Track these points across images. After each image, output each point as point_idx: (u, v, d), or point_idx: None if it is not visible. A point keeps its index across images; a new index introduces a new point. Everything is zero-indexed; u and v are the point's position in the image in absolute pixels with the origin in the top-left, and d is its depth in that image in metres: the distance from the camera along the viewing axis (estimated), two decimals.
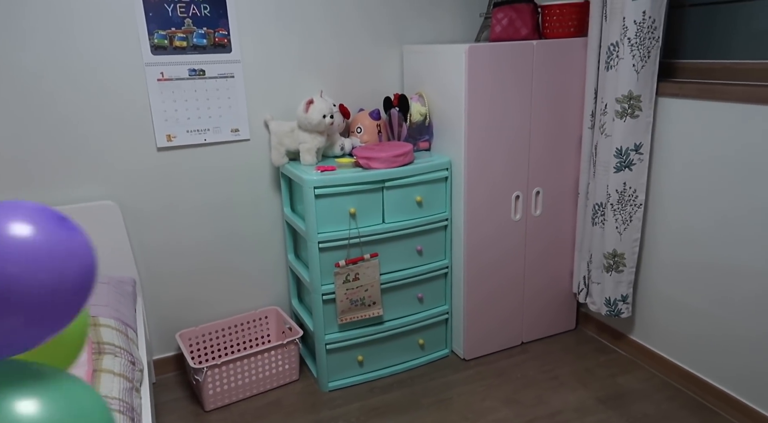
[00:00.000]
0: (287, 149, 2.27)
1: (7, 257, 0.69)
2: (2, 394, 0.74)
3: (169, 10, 2.10)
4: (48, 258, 0.72)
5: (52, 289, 0.72)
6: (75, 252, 0.75)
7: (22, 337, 0.72)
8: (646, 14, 1.91)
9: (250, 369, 2.23)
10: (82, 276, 0.76)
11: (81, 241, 0.77)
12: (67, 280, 0.74)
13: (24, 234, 0.72)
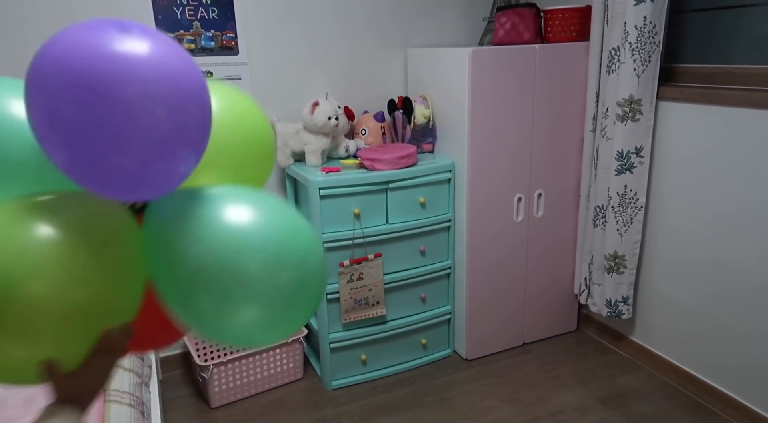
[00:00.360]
0: (292, 150, 2.30)
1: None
2: (209, 211, 0.76)
3: (178, 13, 2.14)
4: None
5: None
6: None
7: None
8: (647, 19, 1.94)
9: (255, 367, 2.26)
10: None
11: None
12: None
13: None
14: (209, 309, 0.75)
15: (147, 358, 1.73)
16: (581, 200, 2.44)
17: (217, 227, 0.76)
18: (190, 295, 0.75)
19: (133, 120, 0.66)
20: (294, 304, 0.78)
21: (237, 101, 0.95)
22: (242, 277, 0.74)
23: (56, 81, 0.64)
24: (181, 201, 0.79)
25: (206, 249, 0.74)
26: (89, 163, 0.68)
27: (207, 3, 2.17)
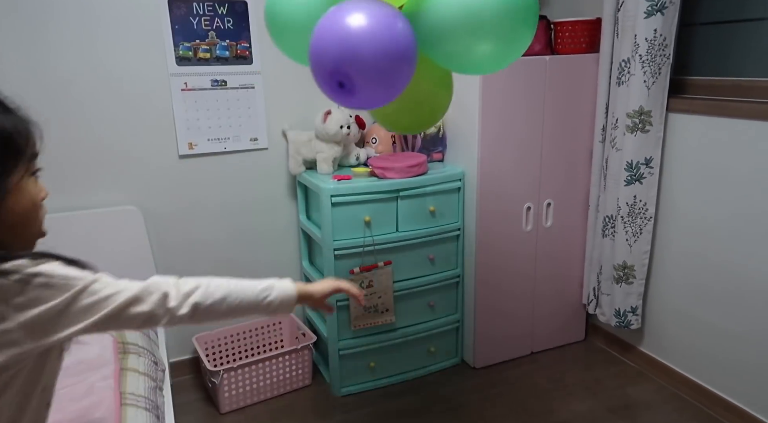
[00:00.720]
0: (304, 158, 2.33)
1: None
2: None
3: (194, 23, 2.18)
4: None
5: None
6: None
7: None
8: (657, 32, 1.96)
9: (265, 373, 2.27)
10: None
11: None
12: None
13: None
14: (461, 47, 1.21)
15: (161, 362, 1.75)
16: (590, 210, 2.45)
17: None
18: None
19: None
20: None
21: None
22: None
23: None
24: None
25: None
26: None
27: (222, 13, 2.22)
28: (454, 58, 1.27)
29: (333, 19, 1.12)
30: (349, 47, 1.08)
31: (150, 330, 1.87)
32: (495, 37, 1.22)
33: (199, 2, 2.17)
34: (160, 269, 2.32)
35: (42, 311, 0.82)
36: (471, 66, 1.30)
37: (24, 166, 0.87)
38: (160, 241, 2.33)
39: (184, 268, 2.40)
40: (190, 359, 2.51)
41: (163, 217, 2.31)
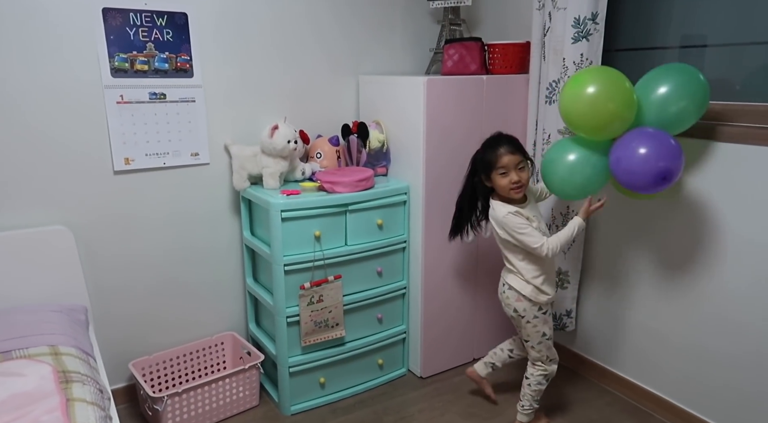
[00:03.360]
0: (249, 173, 2.30)
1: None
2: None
3: (131, 34, 2.10)
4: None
5: None
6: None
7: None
8: (583, 56, 2.14)
9: (211, 396, 2.19)
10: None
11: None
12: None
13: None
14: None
15: (105, 390, 1.63)
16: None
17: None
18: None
19: None
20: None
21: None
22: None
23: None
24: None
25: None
26: None
27: (161, 25, 2.15)
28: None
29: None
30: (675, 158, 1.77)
31: (89, 356, 1.75)
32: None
33: (136, 13, 2.09)
34: (92, 292, 2.17)
35: None
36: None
37: None
38: (92, 262, 2.18)
39: (120, 290, 2.27)
40: (123, 388, 2.36)
41: (96, 236, 2.18)
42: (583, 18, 2.12)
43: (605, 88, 1.79)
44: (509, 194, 1.94)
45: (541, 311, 2.03)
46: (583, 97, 1.80)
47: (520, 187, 1.92)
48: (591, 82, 1.81)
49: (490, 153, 1.94)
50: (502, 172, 1.92)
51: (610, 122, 1.80)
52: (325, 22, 2.52)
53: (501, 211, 1.95)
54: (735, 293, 1.95)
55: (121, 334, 2.30)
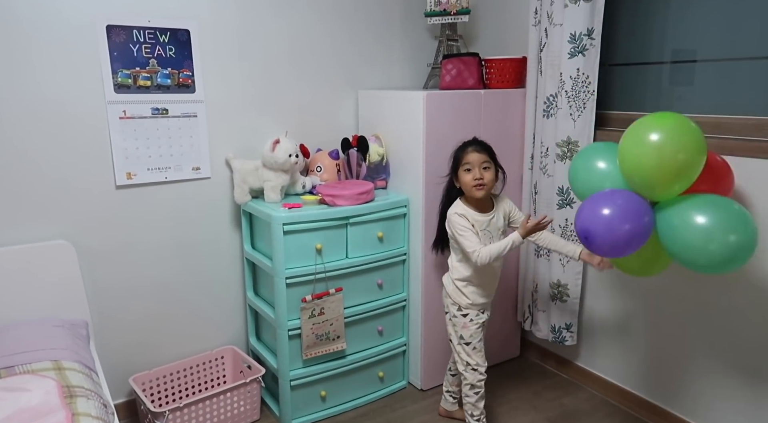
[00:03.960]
0: (251, 187, 2.32)
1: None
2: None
3: (134, 50, 2.12)
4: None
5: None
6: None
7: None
8: (580, 70, 2.19)
9: (212, 410, 2.18)
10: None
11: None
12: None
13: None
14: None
15: (109, 404, 1.63)
16: None
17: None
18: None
19: None
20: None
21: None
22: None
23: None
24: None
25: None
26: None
27: (164, 41, 2.18)
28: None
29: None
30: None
31: (91, 371, 1.75)
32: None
33: (139, 30, 2.12)
34: (93, 307, 2.17)
35: None
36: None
37: None
38: (94, 276, 2.19)
39: (120, 304, 2.27)
40: (124, 403, 2.35)
41: (97, 250, 2.18)
42: (579, 34, 2.17)
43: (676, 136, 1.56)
44: (471, 192, 1.97)
45: (461, 313, 2.07)
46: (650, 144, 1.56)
47: (482, 185, 1.95)
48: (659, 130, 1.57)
49: (459, 151, 2.03)
50: (466, 169, 1.97)
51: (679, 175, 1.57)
52: (325, 39, 2.56)
53: (452, 209, 2.03)
54: (739, 305, 1.97)
55: (122, 349, 2.30)
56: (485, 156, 1.98)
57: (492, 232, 2.03)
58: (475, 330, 2.07)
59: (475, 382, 2.08)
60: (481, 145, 2.02)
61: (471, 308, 2.07)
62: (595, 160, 1.84)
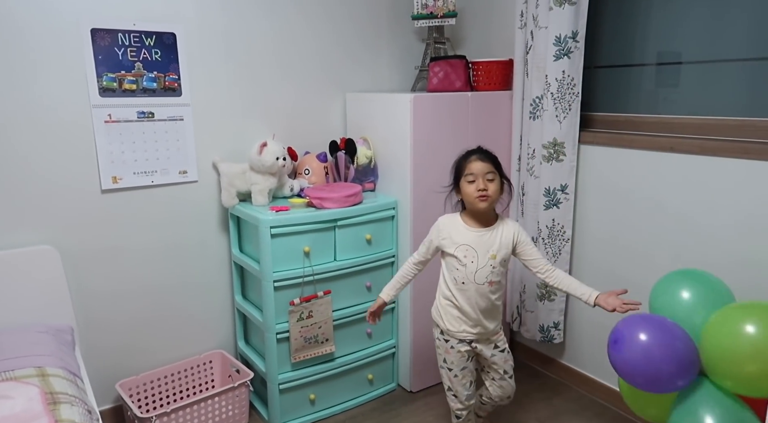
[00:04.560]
0: (238, 190, 2.31)
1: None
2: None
3: (120, 54, 2.11)
4: None
5: None
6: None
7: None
8: (565, 73, 2.21)
9: (200, 415, 2.16)
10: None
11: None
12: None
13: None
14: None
15: (94, 411, 1.62)
16: None
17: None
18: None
19: None
20: None
21: None
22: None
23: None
24: None
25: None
26: None
27: (150, 45, 2.17)
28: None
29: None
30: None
31: (76, 377, 1.73)
32: None
33: (124, 33, 2.11)
34: (78, 312, 2.16)
35: None
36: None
37: None
38: (79, 281, 2.17)
39: (107, 310, 2.25)
40: (110, 409, 2.32)
41: (83, 255, 2.16)
42: (564, 36, 2.18)
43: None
44: (474, 203, 1.81)
45: (444, 337, 1.95)
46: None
47: (486, 196, 1.79)
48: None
49: (462, 160, 1.88)
50: (470, 179, 1.81)
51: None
52: (312, 41, 2.56)
53: (444, 216, 1.93)
54: None
55: (108, 355, 2.28)
56: (490, 166, 1.82)
57: (479, 250, 1.83)
58: (457, 358, 1.93)
59: (455, 410, 2.00)
60: (485, 153, 1.85)
61: (451, 336, 1.93)
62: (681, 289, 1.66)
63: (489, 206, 1.82)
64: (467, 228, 1.87)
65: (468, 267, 1.84)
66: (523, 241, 1.87)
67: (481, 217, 1.86)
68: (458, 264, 1.86)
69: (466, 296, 1.87)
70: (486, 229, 1.86)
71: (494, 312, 1.92)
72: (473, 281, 1.84)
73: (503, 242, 1.86)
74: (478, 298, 1.86)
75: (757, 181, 1.82)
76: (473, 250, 1.84)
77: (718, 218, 1.95)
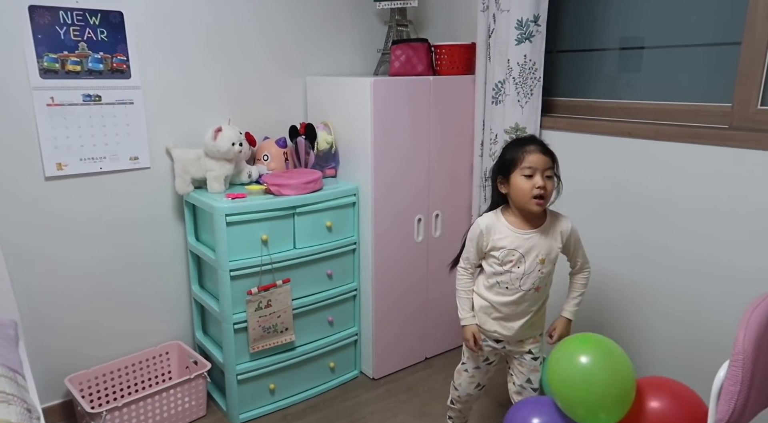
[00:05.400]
0: (192, 177, 2.23)
1: None
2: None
3: (61, 33, 1.99)
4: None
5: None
6: None
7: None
8: (527, 57, 2.18)
9: (154, 408, 2.11)
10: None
11: None
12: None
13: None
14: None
15: (34, 409, 1.54)
16: (473, 220, 2.62)
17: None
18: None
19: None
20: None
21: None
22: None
23: None
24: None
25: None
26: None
27: (95, 24, 2.05)
28: None
29: None
30: None
31: (17, 374, 1.65)
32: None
33: (66, 11, 1.99)
34: (23, 305, 2.06)
35: None
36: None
37: None
38: (23, 273, 2.07)
39: (54, 302, 2.16)
40: (60, 404, 2.24)
41: (27, 246, 2.06)
42: (526, 20, 2.16)
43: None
44: (528, 204, 1.58)
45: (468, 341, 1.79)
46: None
47: (543, 197, 1.57)
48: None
49: (516, 149, 1.60)
50: (527, 173, 1.57)
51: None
52: (270, 22, 2.47)
53: (484, 217, 1.72)
54: (672, 291, 2.02)
55: (56, 348, 2.19)
56: (549, 160, 1.60)
57: (528, 254, 1.64)
58: (474, 355, 1.82)
59: (450, 397, 1.97)
60: (543, 145, 1.62)
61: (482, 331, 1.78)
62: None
63: (542, 209, 1.64)
64: (512, 229, 1.66)
65: (513, 273, 1.65)
66: (571, 237, 1.71)
67: (530, 216, 1.65)
68: (502, 268, 1.66)
69: (506, 302, 1.70)
70: (535, 230, 1.66)
71: (537, 321, 1.77)
72: (519, 287, 1.67)
73: (553, 244, 1.67)
74: (522, 304, 1.70)
75: (710, 165, 1.84)
76: (519, 254, 1.65)
77: (674, 202, 1.97)
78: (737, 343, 1.12)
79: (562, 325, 1.81)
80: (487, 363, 1.88)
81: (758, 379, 1.16)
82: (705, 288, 1.91)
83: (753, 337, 1.12)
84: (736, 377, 1.12)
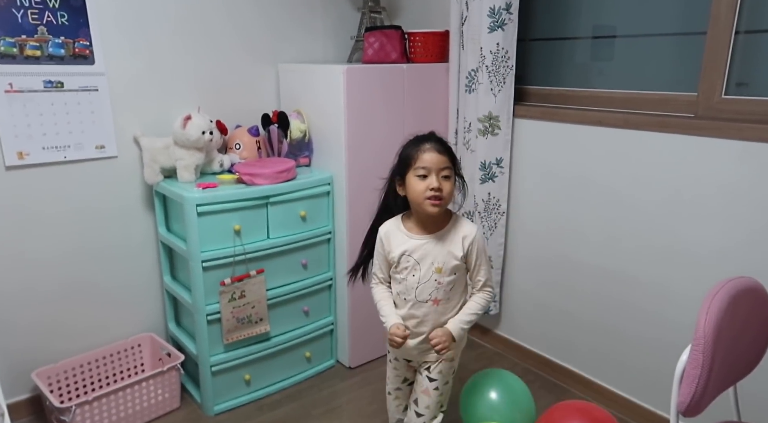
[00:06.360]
0: (162, 166, 2.17)
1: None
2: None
3: (19, 16, 1.91)
4: None
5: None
6: None
7: None
8: (499, 45, 2.18)
9: (126, 401, 2.07)
10: None
11: None
12: None
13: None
14: None
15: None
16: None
17: None
18: None
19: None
20: None
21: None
22: None
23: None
24: None
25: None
26: None
27: (54, 7, 1.97)
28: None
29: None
30: None
31: None
32: None
33: None
34: None
35: None
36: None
37: None
38: None
39: (19, 295, 2.09)
40: (28, 399, 2.19)
41: None
42: (498, 8, 2.16)
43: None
44: (423, 206, 1.47)
45: (387, 346, 1.68)
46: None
47: (439, 199, 1.46)
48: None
49: (411, 148, 1.51)
50: (420, 174, 1.47)
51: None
52: (240, 8, 2.41)
53: (385, 224, 1.62)
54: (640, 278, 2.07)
55: (22, 342, 2.13)
56: (446, 160, 1.48)
57: (422, 261, 1.53)
58: (393, 374, 1.73)
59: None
60: (441, 143, 1.50)
61: (389, 348, 1.67)
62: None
63: (440, 211, 1.51)
64: (408, 235, 1.56)
65: (408, 281, 1.55)
66: (475, 251, 1.55)
67: (428, 221, 1.55)
68: (399, 276, 1.58)
69: (404, 314, 1.59)
70: (431, 235, 1.54)
71: (428, 324, 1.60)
72: (414, 297, 1.56)
73: (452, 251, 1.53)
74: (417, 318, 1.58)
75: (677, 154, 1.88)
76: (414, 260, 1.54)
77: (641, 191, 2.00)
78: (698, 328, 1.15)
79: (441, 330, 1.55)
80: (407, 384, 1.76)
81: (718, 362, 1.19)
82: (671, 273, 1.96)
83: (713, 322, 1.15)
84: (696, 361, 1.15)
